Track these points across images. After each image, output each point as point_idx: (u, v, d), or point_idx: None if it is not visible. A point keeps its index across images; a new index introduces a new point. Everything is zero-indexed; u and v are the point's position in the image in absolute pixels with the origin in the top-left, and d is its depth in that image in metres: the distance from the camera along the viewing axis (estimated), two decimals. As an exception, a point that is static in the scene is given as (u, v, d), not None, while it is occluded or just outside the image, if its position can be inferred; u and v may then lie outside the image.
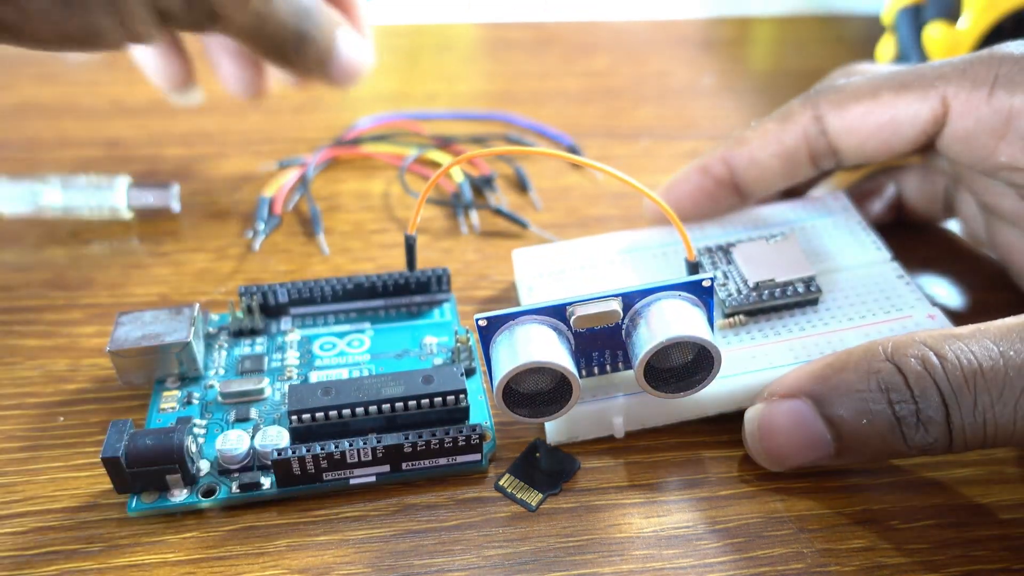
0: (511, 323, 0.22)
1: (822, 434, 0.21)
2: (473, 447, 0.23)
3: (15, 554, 0.21)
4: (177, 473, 0.22)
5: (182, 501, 0.22)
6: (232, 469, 0.23)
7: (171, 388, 0.25)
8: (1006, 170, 0.25)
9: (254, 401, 0.25)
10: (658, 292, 0.22)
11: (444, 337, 0.27)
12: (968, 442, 0.20)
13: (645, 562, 0.21)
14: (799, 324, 0.25)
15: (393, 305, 0.28)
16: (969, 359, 0.20)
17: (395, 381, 0.23)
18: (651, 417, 0.24)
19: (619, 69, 0.46)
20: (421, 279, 0.28)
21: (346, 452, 0.22)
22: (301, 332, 0.27)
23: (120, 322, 0.25)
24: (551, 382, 0.22)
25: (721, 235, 0.28)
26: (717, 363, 0.22)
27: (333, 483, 0.23)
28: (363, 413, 0.23)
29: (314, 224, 0.33)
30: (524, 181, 0.35)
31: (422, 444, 0.22)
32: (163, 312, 0.25)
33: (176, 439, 0.21)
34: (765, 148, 0.27)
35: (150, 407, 0.25)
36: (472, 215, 0.34)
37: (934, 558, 0.21)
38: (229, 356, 0.26)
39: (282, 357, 0.26)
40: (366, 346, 0.27)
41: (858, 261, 0.27)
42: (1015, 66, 0.24)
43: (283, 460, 0.22)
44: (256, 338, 0.27)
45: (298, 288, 0.27)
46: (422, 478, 0.23)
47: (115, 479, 0.22)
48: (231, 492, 0.22)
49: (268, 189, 0.34)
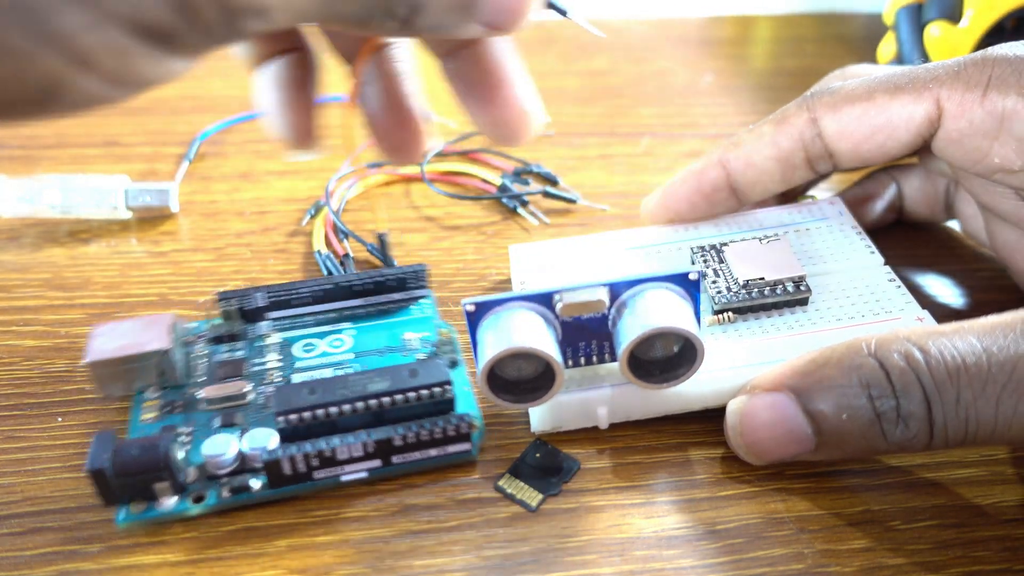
0: (498, 308, 0.22)
1: (803, 428, 0.22)
2: (463, 436, 0.23)
3: (15, 554, 0.21)
4: (165, 481, 0.22)
5: (172, 509, 0.22)
6: (221, 474, 0.23)
7: (151, 398, 0.25)
8: (1000, 172, 0.25)
9: (238, 405, 0.25)
10: (645, 283, 0.22)
11: (426, 332, 0.27)
12: (949, 438, 0.20)
13: (645, 562, 0.21)
14: (787, 323, 0.25)
15: (372, 304, 0.28)
16: (953, 355, 0.20)
17: (380, 376, 0.23)
18: (636, 409, 0.24)
19: (619, 68, 0.46)
20: (399, 276, 0.28)
21: (337, 449, 0.22)
22: (281, 335, 0.27)
23: (96, 334, 0.25)
24: (535, 369, 0.23)
25: (715, 235, 0.29)
26: (700, 356, 0.22)
27: (325, 481, 0.23)
28: (350, 410, 0.23)
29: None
30: (552, 177, 0.36)
31: (412, 437, 0.22)
32: (139, 322, 0.25)
33: (163, 447, 0.21)
34: (761, 151, 0.27)
35: (131, 417, 0.24)
36: (527, 208, 0.34)
37: (935, 559, 0.21)
38: (209, 362, 0.26)
39: (263, 361, 0.26)
40: (348, 345, 0.27)
41: (850, 264, 0.27)
42: (1008, 68, 0.24)
43: (274, 461, 0.22)
44: (235, 343, 0.27)
45: (276, 291, 0.27)
46: (413, 470, 0.23)
47: (102, 491, 0.21)
48: (221, 497, 0.22)
49: (316, 240, 0.32)
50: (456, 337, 0.27)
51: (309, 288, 0.27)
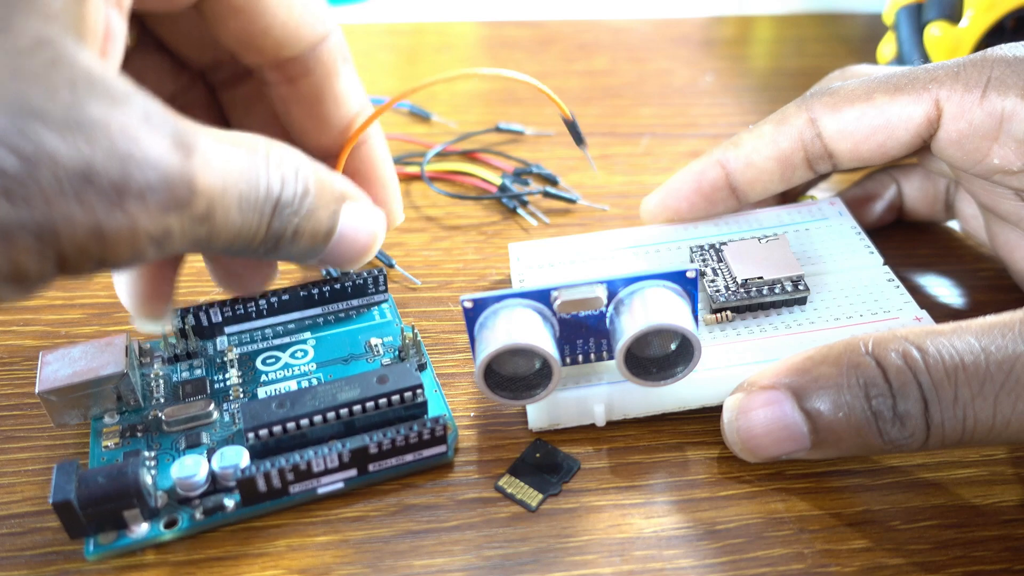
0: (496, 306, 0.22)
1: (799, 426, 0.22)
2: (438, 439, 0.23)
3: (15, 554, 0.21)
4: (135, 508, 0.21)
5: (144, 536, 0.21)
6: (191, 496, 0.22)
7: (110, 424, 0.24)
8: (999, 172, 0.25)
9: (203, 425, 0.24)
10: (642, 281, 0.22)
11: (388, 337, 0.27)
12: (946, 438, 0.20)
13: (645, 562, 0.21)
14: (786, 322, 0.25)
15: (331, 312, 0.28)
16: (951, 354, 0.20)
17: (349, 385, 0.23)
18: (633, 407, 0.24)
19: (619, 68, 0.46)
20: (357, 282, 0.28)
21: (312, 461, 0.22)
22: (239, 350, 0.27)
23: (46, 361, 0.24)
24: (532, 365, 0.23)
25: (714, 234, 0.29)
26: (698, 354, 0.22)
27: (300, 496, 0.22)
28: (321, 421, 0.22)
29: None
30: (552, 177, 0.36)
31: (387, 443, 0.22)
32: (91, 345, 0.24)
33: (131, 471, 0.20)
34: (761, 151, 0.27)
35: (92, 445, 0.24)
36: (527, 208, 0.34)
37: (935, 559, 0.21)
38: (167, 383, 0.25)
39: (224, 377, 0.26)
40: (310, 356, 0.27)
41: (849, 264, 0.27)
42: (1007, 69, 0.24)
43: (248, 479, 0.21)
44: (192, 361, 0.26)
45: (231, 305, 0.27)
46: (389, 477, 0.23)
47: (68, 524, 0.20)
48: (195, 520, 0.22)
49: None
50: (420, 339, 0.27)
51: (265, 300, 0.27)
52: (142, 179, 0.16)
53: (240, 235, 0.19)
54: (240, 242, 0.19)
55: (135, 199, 0.16)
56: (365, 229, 0.22)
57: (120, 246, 0.16)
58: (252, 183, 0.18)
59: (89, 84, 0.15)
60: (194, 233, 0.17)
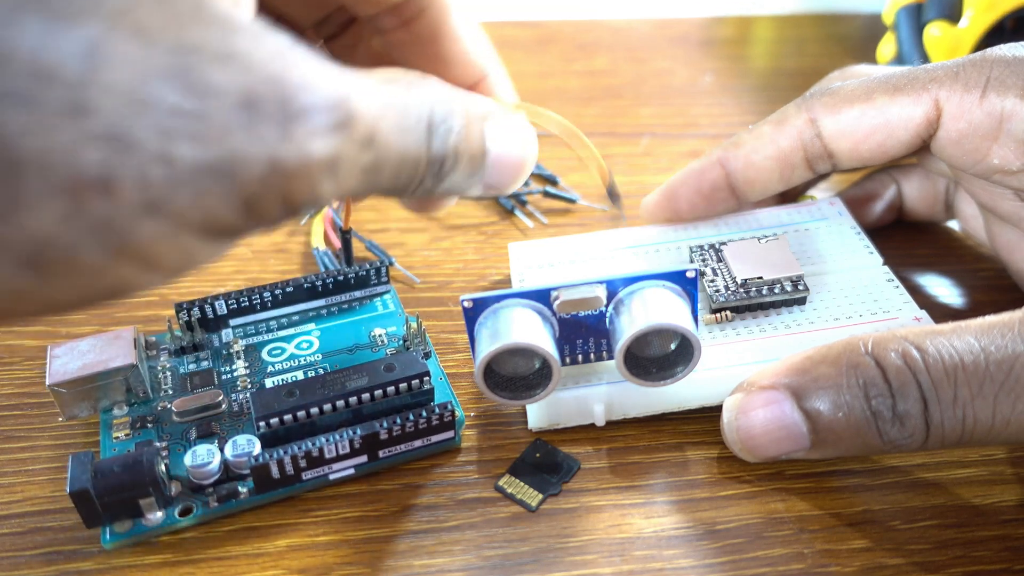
0: (496, 305, 0.22)
1: (798, 426, 0.22)
2: (446, 425, 0.23)
3: (15, 554, 0.21)
4: (150, 497, 0.21)
5: (159, 524, 0.22)
6: (205, 484, 0.22)
7: (120, 415, 0.24)
8: (999, 172, 0.25)
9: (213, 415, 0.24)
10: (642, 281, 0.22)
11: (392, 327, 0.27)
12: (945, 438, 0.20)
13: (645, 562, 0.21)
14: (785, 322, 0.25)
15: (334, 303, 0.28)
16: (951, 354, 0.20)
17: (357, 373, 0.23)
18: (633, 407, 0.24)
19: (619, 68, 0.46)
20: (360, 274, 0.28)
21: (324, 447, 0.22)
22: (244, 341, 0.27)
23: (55, 355, 0.24)
24: (532, 365, 0.23)
25: (714, 235, 0.29)
26: (697, 354, 0.22)
27: (312, 482, 0.23)
28: (331, 409, 0.23)
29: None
30: (552, 176, 0.36)
31: (397, 429, 0.23)
32: (98, 339, 0.24)
33: (146, 460, 0.21)
34: (761, 151, 0.27)
35: (102, 437, 0.24)
36: (526, 208, 0.34)
37: (935, 559, 0.21)
38: (174, 375, 0.26)
39: (231, 368, 0.26)
40: (315, 347, 0.27)
41: (849, 264, 0.27)
42: (1007, 69, 0.24)
43: (261, 466, 0.22)
44: (199, 353, 0.26)
45: (236, 297, 0.27)
46: (400, 462, 0.23)
47: (85, 513, 0.21)
48: (210, 507, 0.22)
49: (315, 238, 0.33)
50: (424, 329, 0.27)
51: (269, 292, 0.27)
52: (303, 100, 0.16)
53: (404, 160, 0.18)
54: (406, 170, 0.19)
55: (300, 122, 0.15)
56: (514, 143, 0.21)
57: (297, 178, 0.16)
58: (402, 108, 0.18)
59: (231, 23, 0.15)
60: (361, 161, 0.17)
